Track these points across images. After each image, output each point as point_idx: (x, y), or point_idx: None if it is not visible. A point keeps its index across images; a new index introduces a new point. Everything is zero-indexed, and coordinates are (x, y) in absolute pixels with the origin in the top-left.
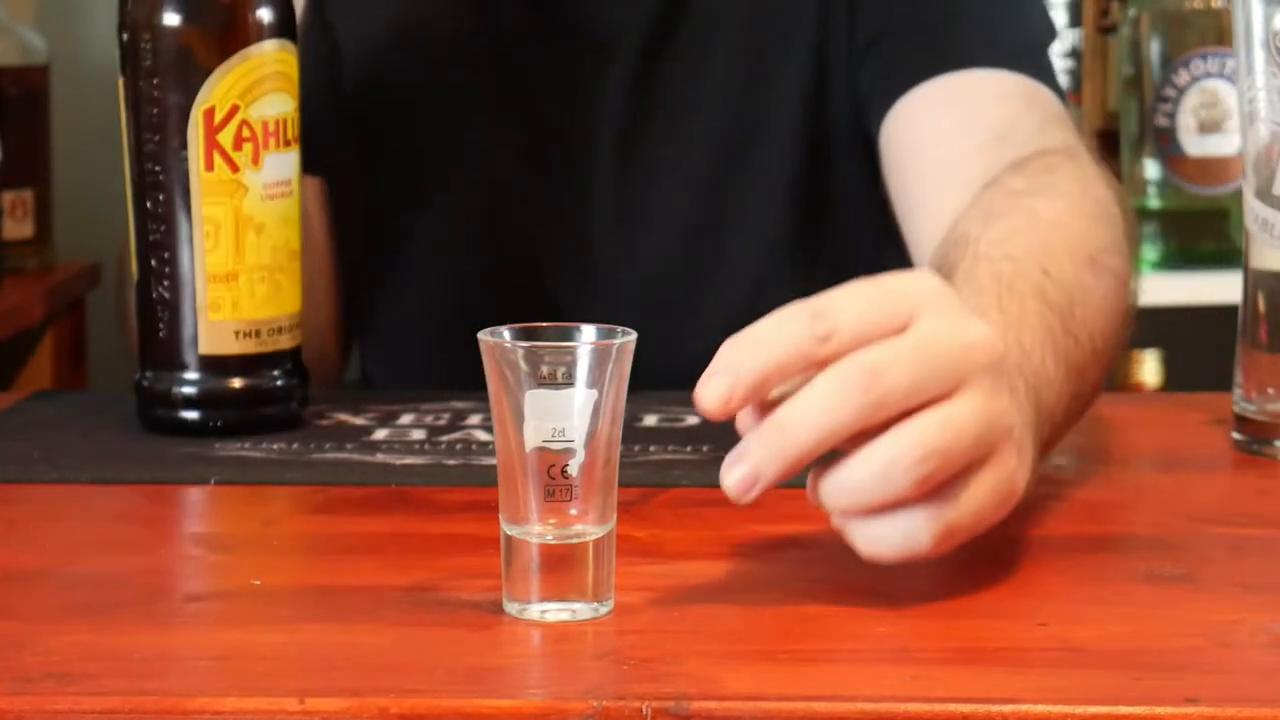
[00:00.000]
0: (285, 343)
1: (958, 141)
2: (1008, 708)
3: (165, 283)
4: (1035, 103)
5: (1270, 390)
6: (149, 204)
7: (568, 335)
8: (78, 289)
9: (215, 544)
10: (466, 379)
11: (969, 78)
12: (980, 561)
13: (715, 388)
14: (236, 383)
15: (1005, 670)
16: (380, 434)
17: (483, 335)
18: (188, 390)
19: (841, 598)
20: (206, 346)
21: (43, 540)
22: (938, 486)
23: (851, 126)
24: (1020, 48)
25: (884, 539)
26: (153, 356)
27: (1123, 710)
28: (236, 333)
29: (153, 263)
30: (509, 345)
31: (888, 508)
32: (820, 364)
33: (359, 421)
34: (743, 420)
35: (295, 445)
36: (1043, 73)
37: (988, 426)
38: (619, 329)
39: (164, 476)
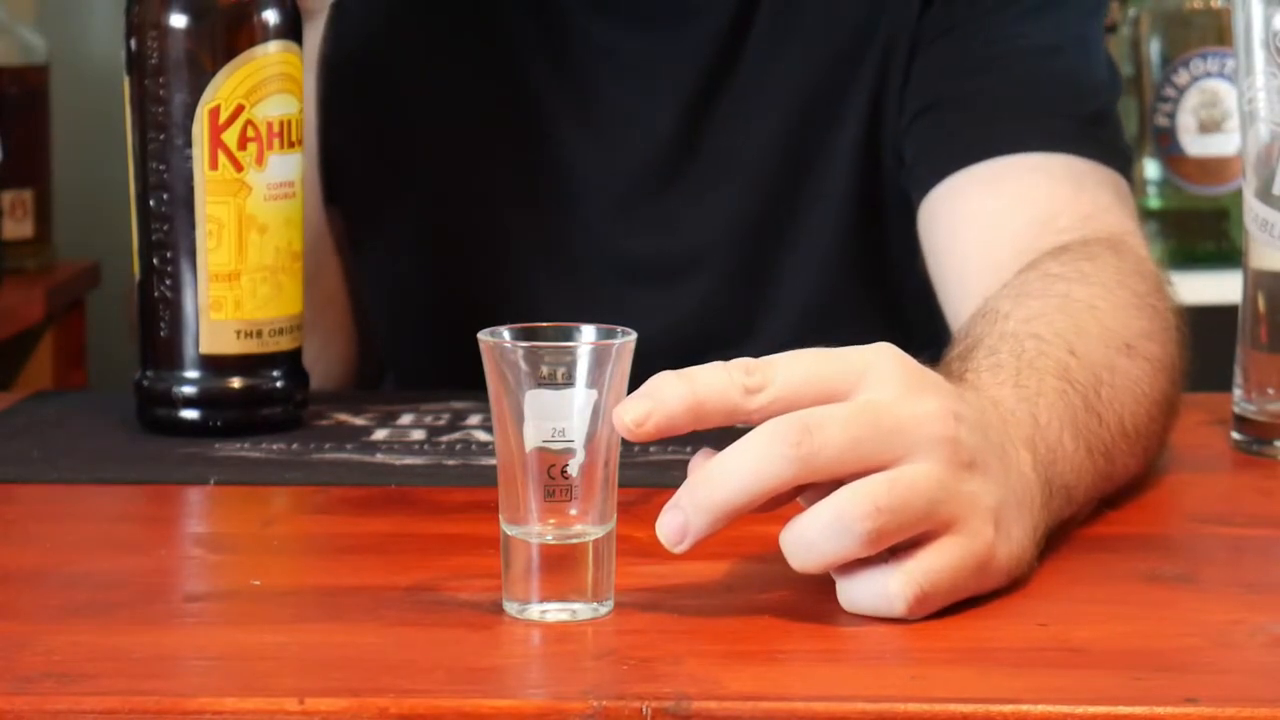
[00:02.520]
0: (286, 343)
1: (999, 225)
2: (1008, 708)
3: (167, 281)
4: (1084, 186)
5: (1270, 390)
6: (152, 203)
7: (568, 335)
8: (78, 289)
9: (215, 544)
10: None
11: (1016, 161)
12: None
13: (634, 408)
14: (237, 383)
15: (1005, 670)
16: (380, 434)
17: (483, 335)
18: (188, 390)
19: None
20: (208, 346)
21: (43, 540)
22: (905, 549)
23: (903, 189)
24: (1076, 125)
25: (859, 597)
26: (153, 356)
27: (1123, 710)
28: (238, 332)
29: (155, 261)
30: (509, 345)
31: (848, 567)
32: (747, 418)
33: (359, 421)
34: (691, 465)
35: (295, 445)
36: (1100, 146)
37: (945, 493)
38: (619, 329)
39: (164, 476)
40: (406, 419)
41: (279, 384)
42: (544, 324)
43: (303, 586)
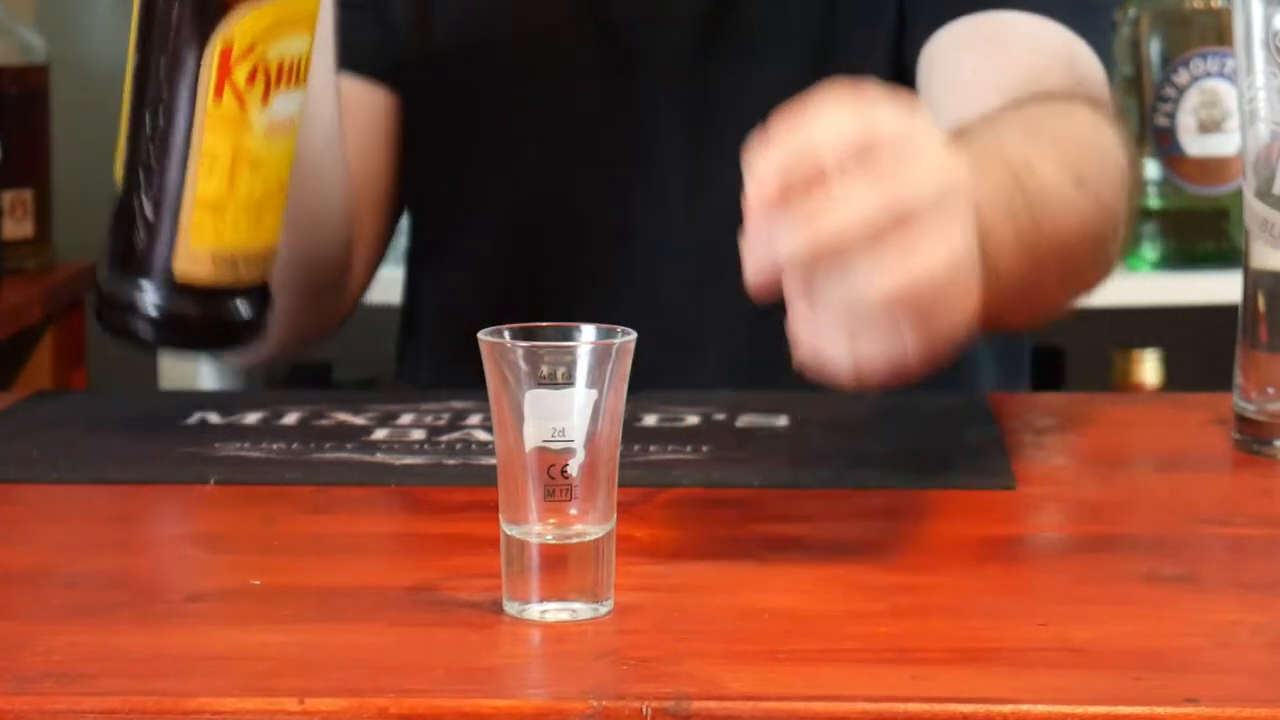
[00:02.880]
0: (257, 274)
1: (988, 86)
2: (1008, 708)
3: (150, 200)
4: (1074, 62)
5: (1270, 390)
6: (148, 121)
7: (568, 335)
8: (78, 289)
9: (215, 544)
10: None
11: (1011, 23)
12: (980, 561)
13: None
14: (201, 307)
15: (1005, 670)
16: (380, 434)
17: (482, 335)
18: (153, 306)
19: (841, 598)
20: (182, 268)
21: (43, 540)
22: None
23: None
24: (1072, 15)
25: (869, 347)
26: (126, 263)
27: (1123, 710)
28: (214, 259)
29: (140, 176)
30: (509, 345)
31: (849, 249)
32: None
33: (359, 421)
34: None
35: (295, 445)
36: (1092, 34)
37: (941, 190)
38: (619, 329)
39: (164, 476)
40: (406, 419)
41: (243, 314)
42: (544, 324)
43: (303, 586)
